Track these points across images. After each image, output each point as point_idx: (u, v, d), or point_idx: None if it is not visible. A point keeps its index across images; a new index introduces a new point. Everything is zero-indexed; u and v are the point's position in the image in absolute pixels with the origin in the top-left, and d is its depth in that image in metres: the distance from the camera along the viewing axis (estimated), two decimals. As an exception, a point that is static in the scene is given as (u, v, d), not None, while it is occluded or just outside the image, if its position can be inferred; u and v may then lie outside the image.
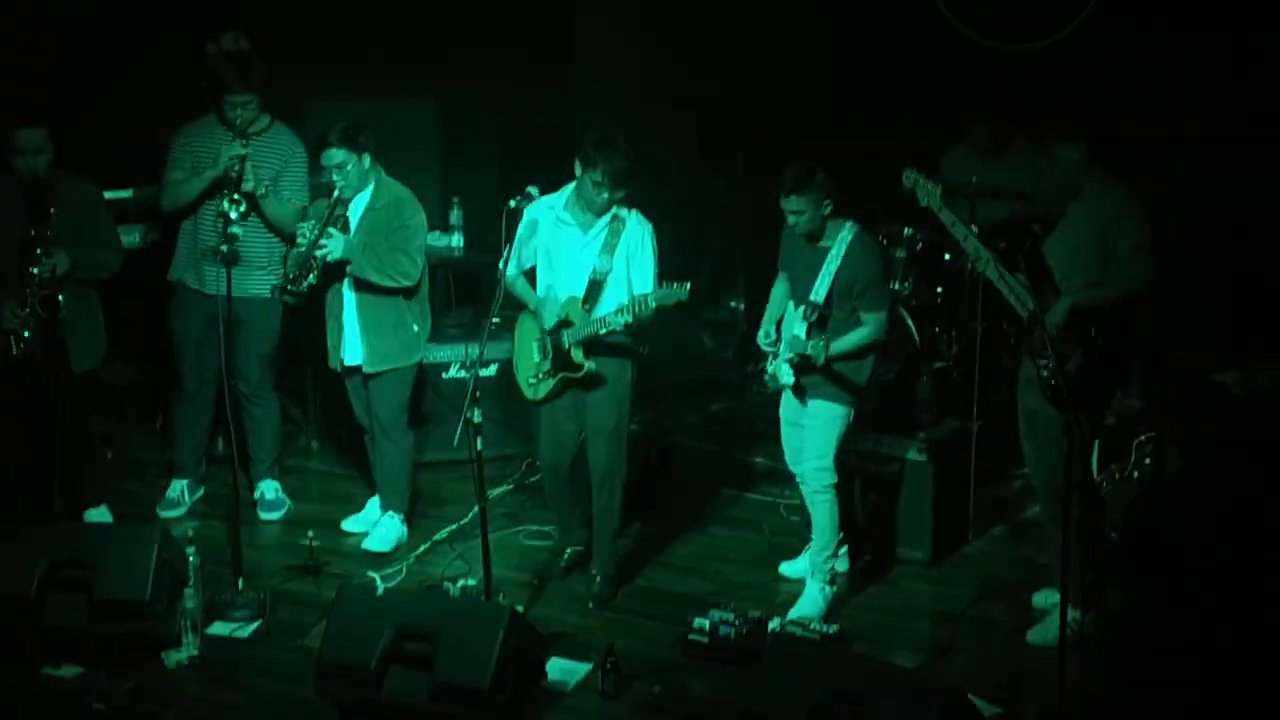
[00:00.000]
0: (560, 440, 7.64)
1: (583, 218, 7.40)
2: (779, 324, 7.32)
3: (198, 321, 8.10)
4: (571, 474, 7.74)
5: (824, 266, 7.10)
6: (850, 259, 7.09)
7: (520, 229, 7.28)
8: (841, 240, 7.10)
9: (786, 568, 7.76)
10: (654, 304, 7.06)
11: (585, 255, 7.39)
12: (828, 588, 7.39)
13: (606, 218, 7.37)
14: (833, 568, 7.42)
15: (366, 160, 7.70)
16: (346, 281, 7.79)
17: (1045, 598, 7.31)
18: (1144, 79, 8.71)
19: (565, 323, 7.41)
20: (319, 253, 7.62)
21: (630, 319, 7.19)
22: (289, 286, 7.66)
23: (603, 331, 7.28)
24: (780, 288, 7.42)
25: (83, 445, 7.92)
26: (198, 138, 8.05)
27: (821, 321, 7.10)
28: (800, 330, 7.13)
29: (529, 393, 7.63)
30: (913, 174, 7.15)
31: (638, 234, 7.40)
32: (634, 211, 7.42)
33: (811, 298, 7.10)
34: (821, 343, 7.01)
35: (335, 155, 7.64)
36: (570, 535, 7.92)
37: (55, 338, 7.59)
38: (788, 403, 7.40)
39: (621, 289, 7.34)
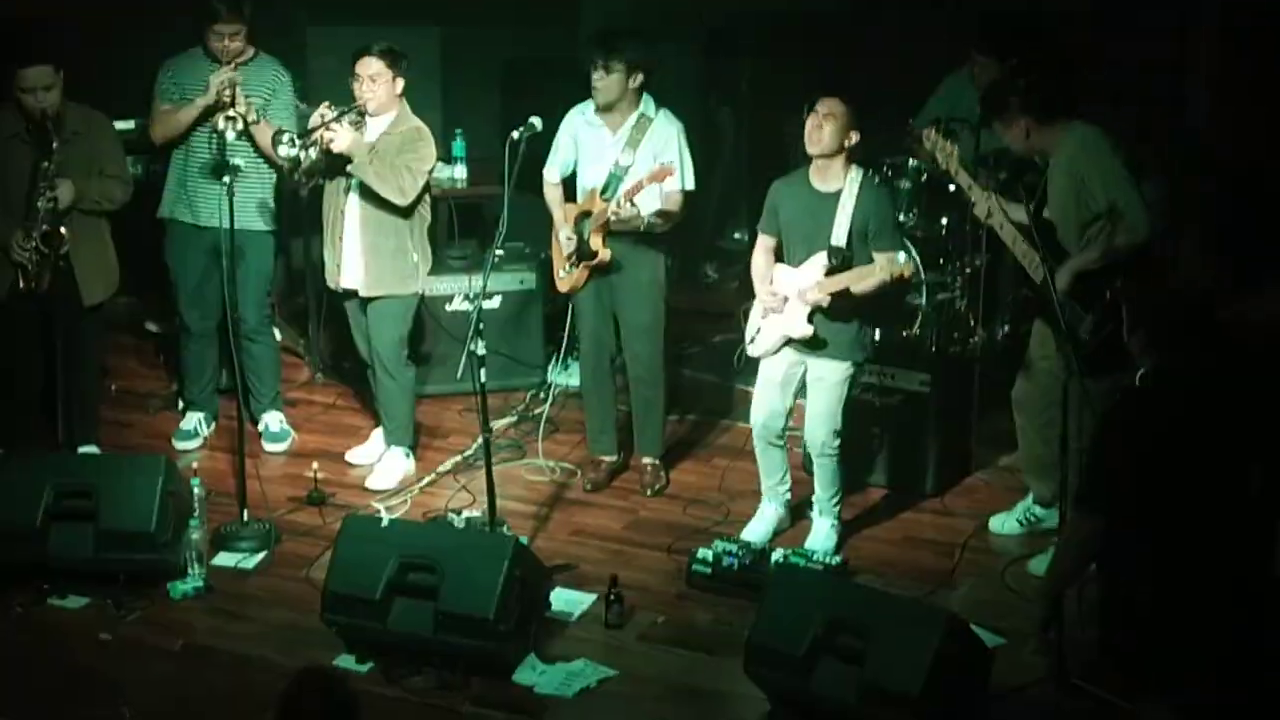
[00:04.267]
0: (597, 334, 7.87)
1: (611, 118, 7.59)
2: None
3: (195, 257, 8.08)
4: (612, 381, 7.97)
5: (838, 211, 7.03)
6: (863, 201, 7.04)
7: (559, 134, 7.69)
8: (852, 182, 7.05)
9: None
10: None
11: (611, 151, 7.58)
12: (838, 523, 7.40)
13: (634, 116, 7.54)
14: (840, 505, 7.44)
15: (399, 86, 7.68)
16: (348, 199, 7.76)
17: (1002, 522, 7.46)
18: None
19: (585, 212, 7.60)
20: (327, 134, 7.58)
21: (658, 220, 7.42)
22: (296, 138, 7.57)
23: (629, 218, 7.46)
24: (763, 252, 7.29)
25: (87, 378, 7.92)
26: (184, 69, 8.00)
27: (845, 266, 7.02)
28: (817, 279, 7.05)
29: (559, 285, 7.90)
30: (933, 135, 7.16)
31: (665, 132, 7.56)
32: (663, 110, 7.62)
33: (834, 242, 7.02)
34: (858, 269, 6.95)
35: (372, 64, 7.60)
36: (600, 443, 8.01)
37: (62, 270, 7.57)
38: (778, 367, 7.27)
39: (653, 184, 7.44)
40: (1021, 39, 8.36)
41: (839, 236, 7.03)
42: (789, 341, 7.18)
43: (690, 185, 7.64)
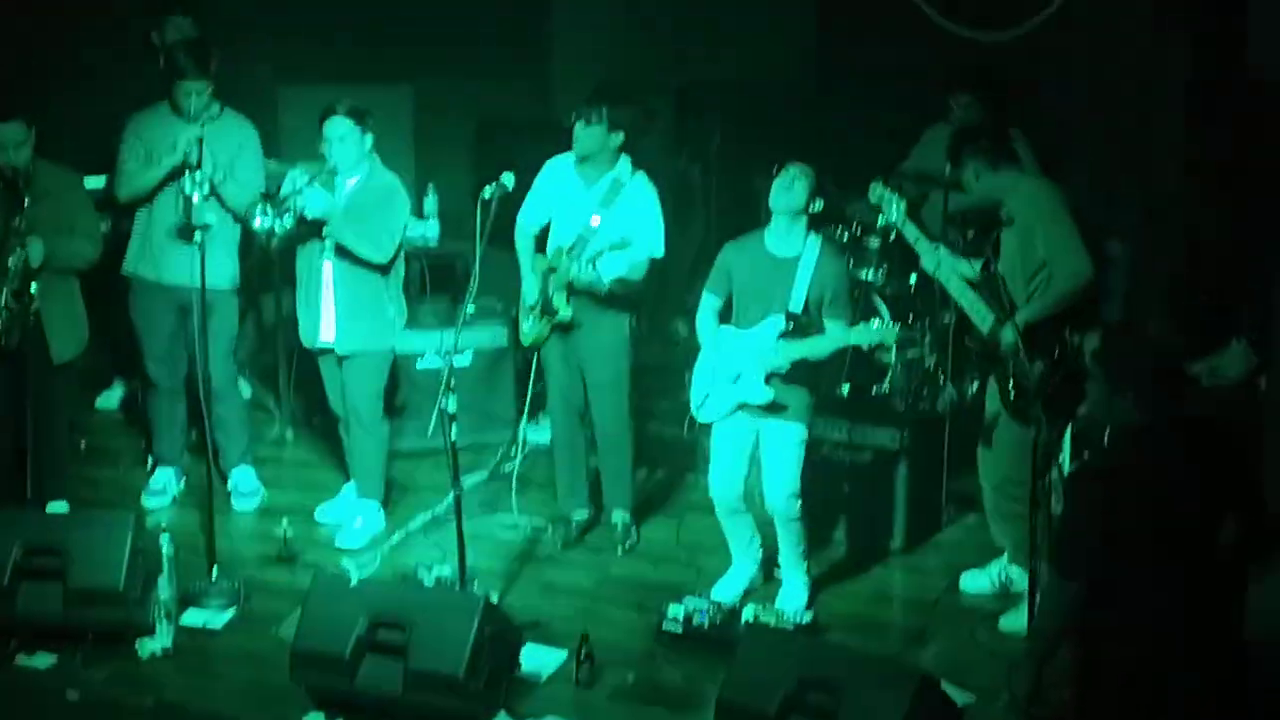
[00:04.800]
0: (564, 390, 7.90)
1: (587, 172, 7.64)
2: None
3: (160, 315, 8.07)
4: (583, 437, 8.01)
5: (797, 276, 7.05)
6: (822, 268, 7.07)
7: (536, 184, 7.76)
8: (810, 248, 7.08)
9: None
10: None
11: (583, 209, 7.60)
12: (807, 579, 7.40)
13: (609, 177, 7.60)
14: (808, 560, 7.44)
15: (368, 142, 7.71)
16: (323, 257, 7.77)
17: (974, 580, 7.48)
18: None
19: (551, 270, 7.64)
20: (300, 200, 7.59)
21: (619, 286, 7.49)
22: (270, 204, 7.56)
23: (591, 281, 7.53)
24: (711, 313, 7.28)
25: (57, 435, 7.89)
26: (149, 125, 7.99)
27: (801, 331, 7.05)
28: (773, 344, 7.06)
29: (522, 339, 7.96)
30: (879, 188, 7.25)
31: (638, 196, 7.61)
32: (639, 174, 7.66)
33: (791, 308, 7.04)
34: (823, 338, 7.00)
35: (339, 125, 7.63)
36: (571, 499, 8.03)
37: (31, 327, 7.55)
38: (731, 432, 7.26)
39: (620, 247, 7.52)
40: (997, 78, 8.46)
41: (797, 303, 7.05)
42: (742, 406, 7.19)
43: (658, 253, 7.65)
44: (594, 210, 7.59)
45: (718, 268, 7.26)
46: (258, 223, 7.54)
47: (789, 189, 7.03)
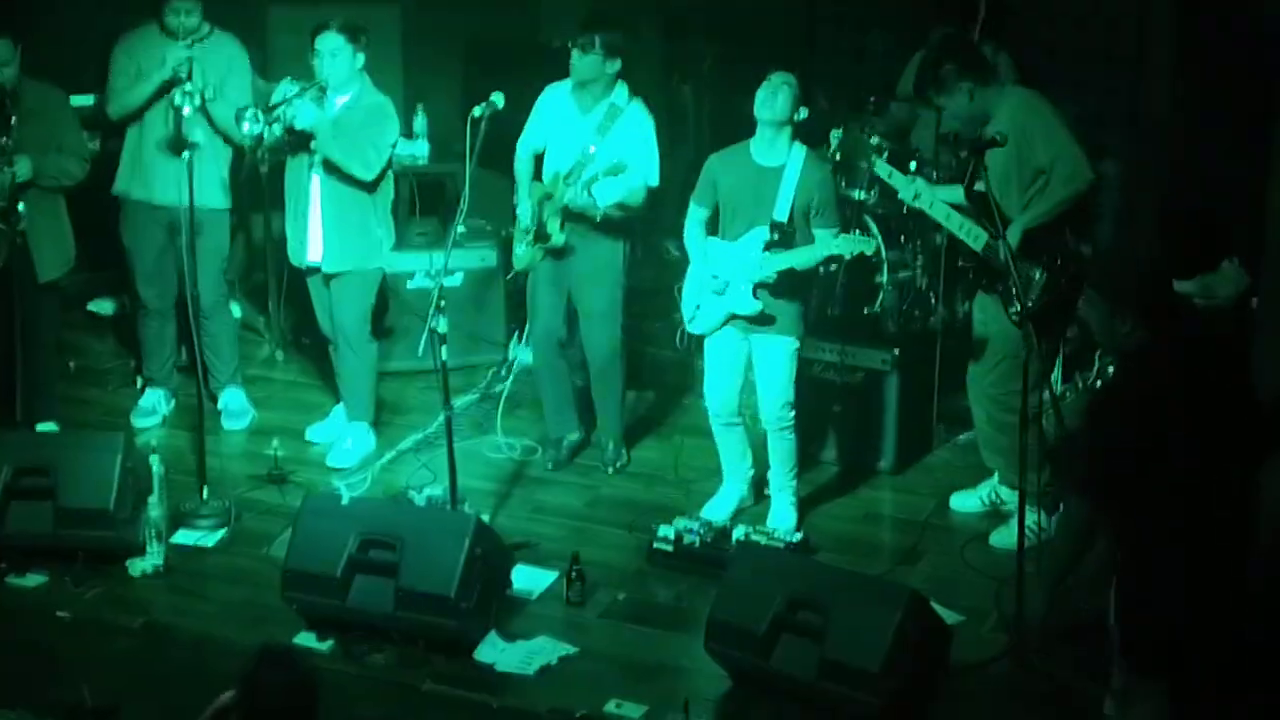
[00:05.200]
0: (546, 317, 7.88)
1: (584, 100, 7.61)
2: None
3: (150, 234, 8.05)
4: (566, 362, 8.00)
5: (781, 186, 7.02)
6: (807, 177, 7.03)
7: (534, 110, 7.74)
8: (795, 159, 7.05)
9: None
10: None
11: (579, 136, 7.58)
12: (795, 499, 7.42)
13: (605, 103, 7.57)
14: (796, 481, 7.45)
15: (360, 60, 7.68)
16: (310, 174, 7.74)
17: (964, 500, 7.51)
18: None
19: (547, 196, 7.60)
20: (289, 110, 7.56)
21: (614, 212, 7.47)
22: (259, 115, 7.51)
23: (585, 207, 7.51)
24: (698, 225, 7.28)
25: (45, 355, 7.88)
26: (140, 45, 7.94)
27: (786, 241, 7.04)
28: (759, 255, 7.05)
29: (515, 262, 7.90)
30: (884, 166, 7.30)
31: (635, 123, 7.58)
32: (635, 101, 7.63)
33: (776, 218, 7.02)
34: (808, 248, 6.98)
35: (331, 40, 7.59)
36: (559, 422, 8.05)
37: (18, 246, 7.52)
38: (723, 345, 7.27)
39: (616, 173, 7.48)
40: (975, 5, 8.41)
41: (781, 212, 7.03)
42: (732, 318, 7.18)
43: (654, 181, 7.63)
44: (590, 137, 7.56)
45: (703, 179, 7.25)
46: (246, 127, 7.50)
47: (773, 98, 6.99)
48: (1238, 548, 5.12)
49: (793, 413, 7.23)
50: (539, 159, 7.78)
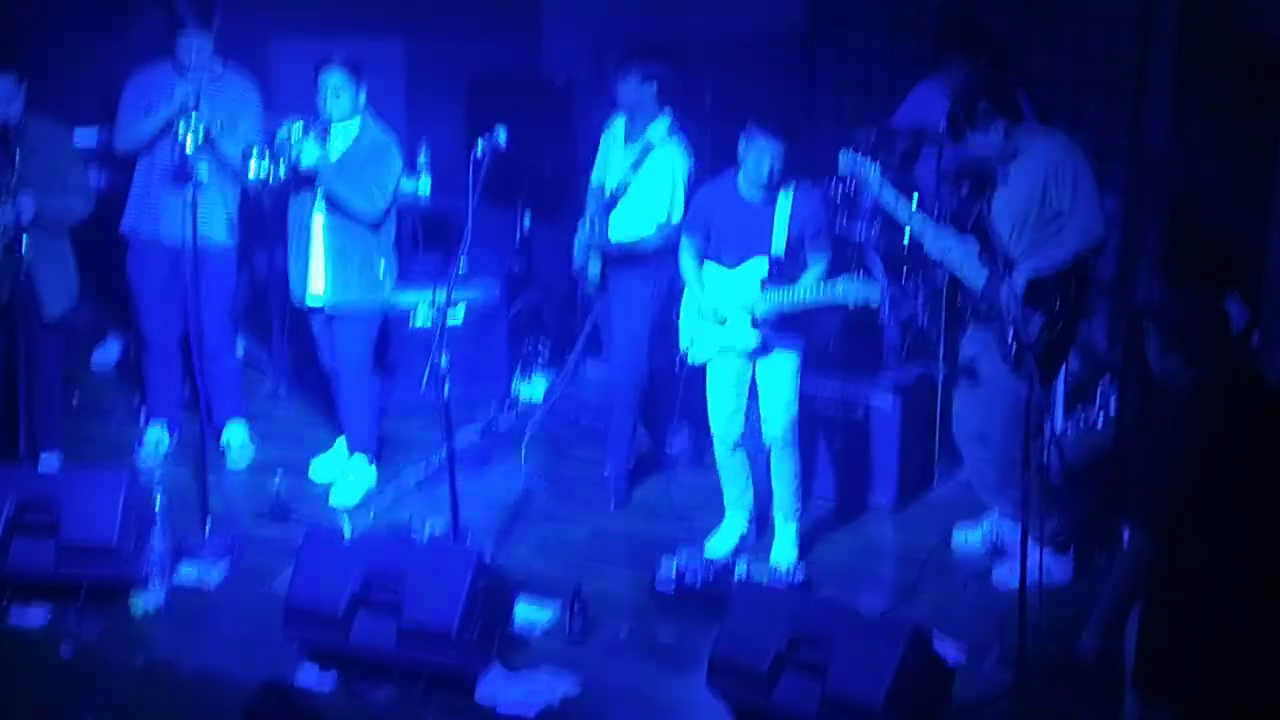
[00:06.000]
0: (608, 345, 8.15)
1: (631, 131, 7.78)
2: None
3: (156, 271, 8.06)
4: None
5: (775, 219, 7.05)
6: (798, 209, 7.06)
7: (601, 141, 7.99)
8: (785, 194, 7.08)
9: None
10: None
11: (619, 168, 7.77)
12: (797, 529, 7.43)
13: (644, 137, 7.68)
14: (800, 507, 7.47)
15: (362, 97, 7.71)
16: (313, 211, 7.77)
17: (966, 536, 7.51)
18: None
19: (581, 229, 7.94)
20: (293, 150, 7.60)
21: (626, 249, 7.70)
22: (264, 154, 7.55)
23: (599, 244, 7.75)
24: (692, 255, 7.28)
25: (49, 390, 7.89)
26: (150, 81, 7.97)
27: (783, 275, 7.05)
28: (756, 287, 7.07)
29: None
30: (849, 154, 7.23)
31: (664, 160, 7.67)
32: (673, 138, 7.72)
33: (773, 252, 7.05)
34: (805, 285, 7.01)
35: (335, 77, 7.64)
36: (619, 460, 8.08)
37: (22, 283, 7.54)
38: (725, 369, 7.28)
39: (639, 209, 7.64)
40: (991, 38, 8.43)
41: (778, 246, 7.06)
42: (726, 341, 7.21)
43: (668, 219, 7.65)
44: (626, 170, 7.70)
45: (694, 210, 7.30)
46: (252, 170, 7.53)
47: (758, 168, 7.00)
48: None
49: (795, 429, 7.27)
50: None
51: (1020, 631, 6.28)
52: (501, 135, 7.26)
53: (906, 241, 8.43)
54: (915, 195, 8.27)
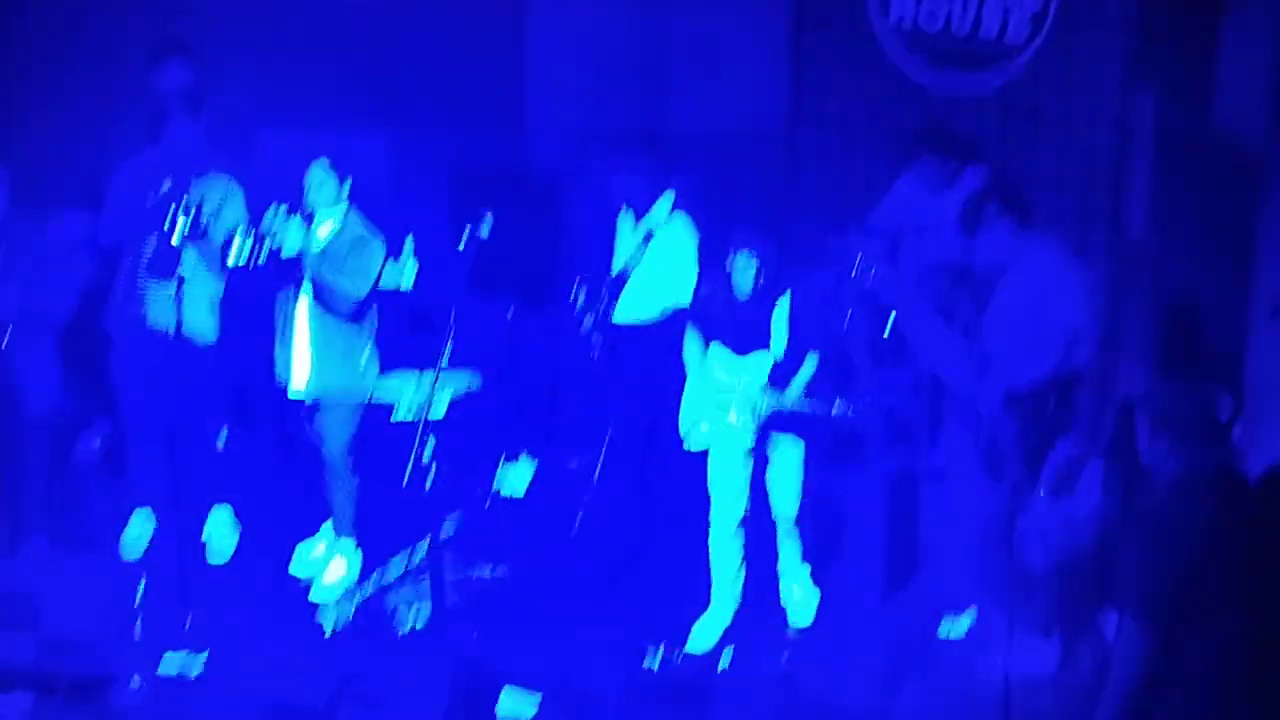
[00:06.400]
0: None
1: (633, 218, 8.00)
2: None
3: (141, 363, 8.06)
4: None
5: (774, 323, 7.22)
6: (797, 313, 7.25)
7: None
8: (784, 296, 7.25)
9: None
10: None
11: (626, 247, 7.98)
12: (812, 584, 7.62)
13: (648, 218, 7.87)
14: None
15: (346, 188, 7.77)
16: (297, 303, 7.80)
17: (952, 626, 7.54)
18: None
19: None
20: (277, 237, 7.65)
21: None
22: (247, 242, 7.61)
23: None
24: (698, 344, 7.44)
25: (32, 477, 7.88)
26: (138, 171, 8.00)
27: (785, 376, 7.20)
28: (760, 384, 7.20)
29: None
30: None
31: (669, 242, 7.88)
32: (675, 218, 7.91)
33: (774, 352, 7.21)
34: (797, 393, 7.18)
35: (319, 172, 7.74)
36: None
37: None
38: (730, 453, 7.40)
39: (646, 290, 7.84)
40: (963, 139, 8.52)
41: (778, 346, 7.22)
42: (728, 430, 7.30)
43: (679, 302, 7.82)
44: (633, 251, 7.90)
45: (699, 301, 7.48)
46: (234, 253, 7.57)
47: (744, 279, 7.20)
48: None
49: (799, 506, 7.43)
50: None
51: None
52: (485, 226, 7.31)
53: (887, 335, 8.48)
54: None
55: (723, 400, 7.23)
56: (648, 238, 7.87)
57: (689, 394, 7.40)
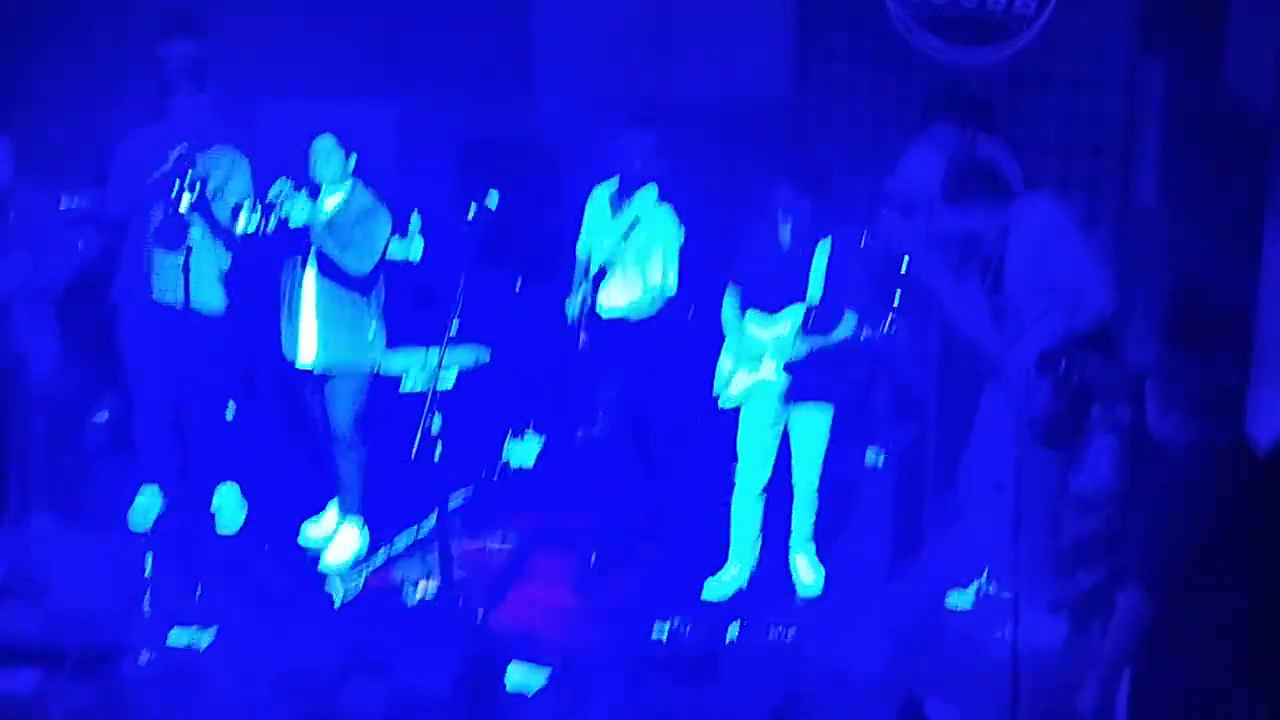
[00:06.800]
0: None
1: (618, 197, 7.95)
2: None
3: (148, 334, 8.06)
4: None
5: (811, 270, 7.25)
6: (835, 259, 7.28)
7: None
8: (821, 249, 7.27)
9: None
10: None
11: (607, 239, 7.92)
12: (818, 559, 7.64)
13: (631, 207, 7.82)
14: None
15: (352, 162, 7.76)
16: (304, 273, 7.80)
17: (959, 597, 7.51)
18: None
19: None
20: (284, 207, 7.64)
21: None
22: (255, 209, 7.62)
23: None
24: (735, 304, 7.49)
25: (38, 454, 7.89)
26: (144, 142, 7.99)
27: (821, 323, 7.25)
28: (794, 337, 7.25)
29: None
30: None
31: (653, 231, 7.81)
32: (661, 208, 7.85)
33: (809, 300, 7.26)
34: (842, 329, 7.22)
35: (326, 144, 7.73)
36: None
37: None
38: (760, 415, 7.45)
39: (630, 279, 7.82)
40: (975, 105, 8.49)
41: (813, 294, 7.24)
42: (764, 388, 7.33)
43: (665, 290, 7.86)
44: (615, 241, 7.86)
45: (740, 258, 7.50)
46: (241, 223, 7.57)
47: (782, 228, 7.25)
48: None
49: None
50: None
51: (1013, 693, 6.28)
52: (493, 199, 7.31)
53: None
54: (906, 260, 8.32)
55: (757, 353, 7.29)
56: (634, 222, 7.80)
57: (725, 352, 7.48)
